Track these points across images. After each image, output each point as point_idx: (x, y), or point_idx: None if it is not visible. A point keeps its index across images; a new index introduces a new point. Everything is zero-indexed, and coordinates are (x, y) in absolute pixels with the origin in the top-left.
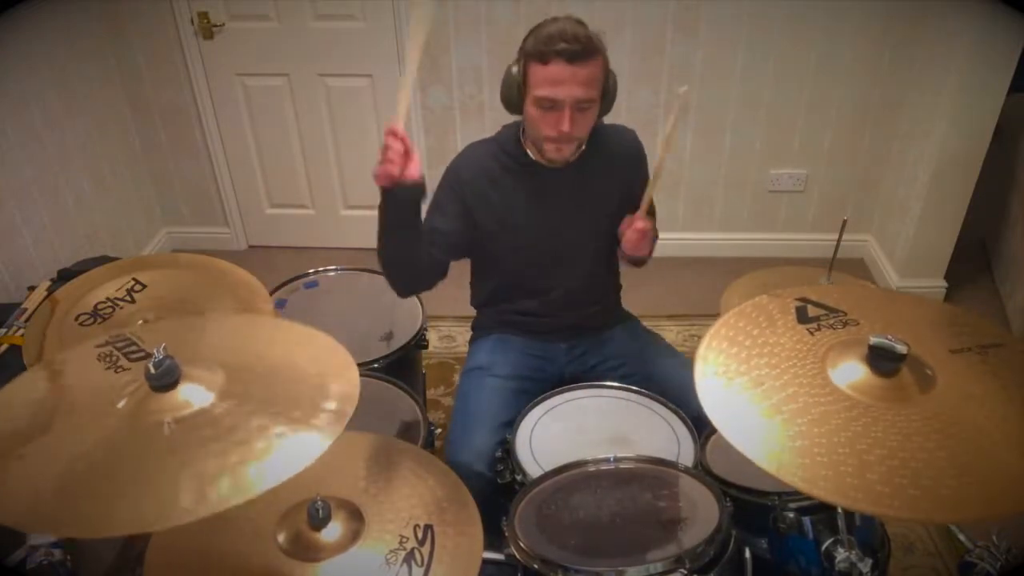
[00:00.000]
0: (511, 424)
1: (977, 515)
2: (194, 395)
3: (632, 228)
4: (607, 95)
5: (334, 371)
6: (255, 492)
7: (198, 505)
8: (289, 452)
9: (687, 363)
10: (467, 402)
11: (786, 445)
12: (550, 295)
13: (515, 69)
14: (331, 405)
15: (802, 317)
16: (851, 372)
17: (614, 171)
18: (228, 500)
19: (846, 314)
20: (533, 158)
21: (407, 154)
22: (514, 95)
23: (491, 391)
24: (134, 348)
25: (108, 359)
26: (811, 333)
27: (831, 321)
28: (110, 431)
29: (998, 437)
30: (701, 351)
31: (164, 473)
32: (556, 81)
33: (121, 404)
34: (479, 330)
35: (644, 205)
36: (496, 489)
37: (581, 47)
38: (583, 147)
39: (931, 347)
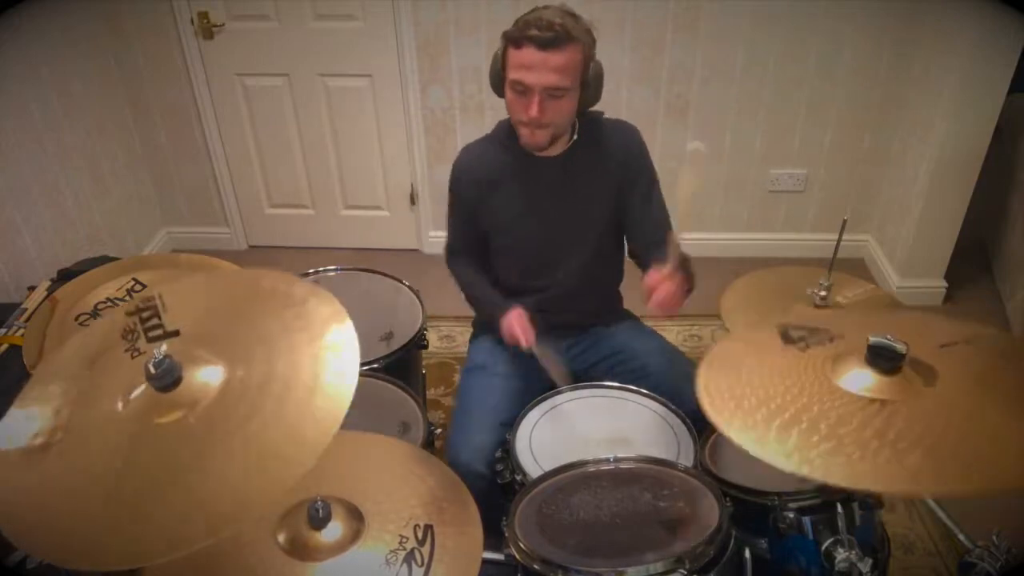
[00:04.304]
0: (511, 424)
1: None
2: (209, 376)
3: (661, 288)
4: (588, 85)
5: (318, 303)
6: (341, 411)
7: (299, 460)
8: (328, 389)
9: (685, 360)
10: (467, 402)
11: (815, 449)
12: (548, 291)
13: (498, 52)
14: (334, 339)
15: (787, 339)
16: (856, 378)
17: (607, 165)
18: (322, 437)
19: (828, 331)
20: (525, 148)
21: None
22: (496, 78)
23: (491, 390)
24: (155, 323)
25: (131, 336)
26: (802, 351)
27: (817, 338)
28: (140, 446)
29: (1007, 420)
30: (703, 391)
31: (234, 460)
32: (527, 66)
33: (122, 406)
34: (479, 328)
35: (672, 260)
36: (496, 489)
37: (554, 35)
38: (575, 137)
39: (922, 345)
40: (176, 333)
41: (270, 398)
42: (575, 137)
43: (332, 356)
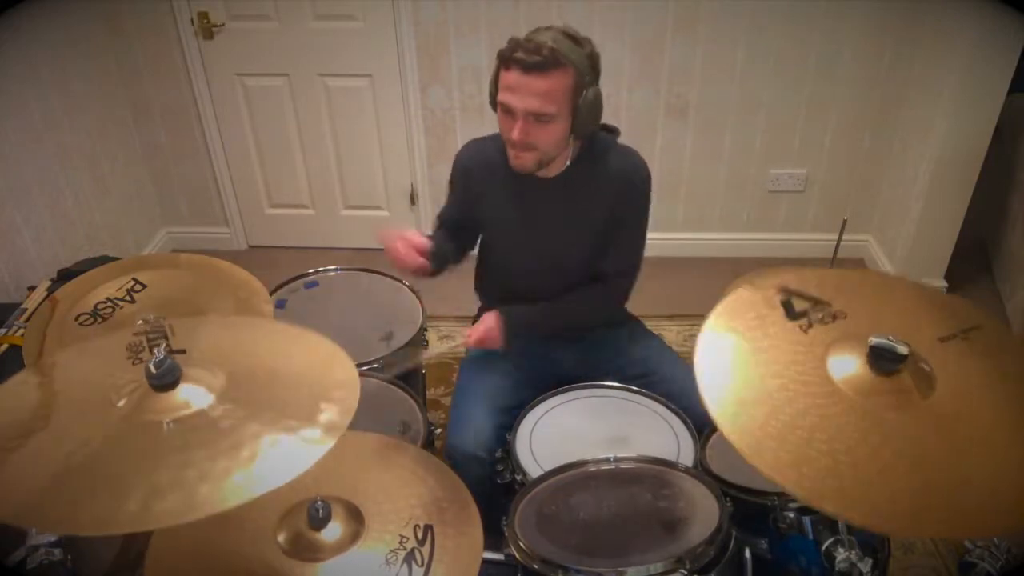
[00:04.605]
0: (509, 409)
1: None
2: (194, 396)
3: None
4: (580, 112)
5: (336, 381)
6: (233, 503)
7: (177, 510)
8: (276, 462)
9: (688, 366)
10: (465, 387)
11: (814, 467)
12: (541, 299)
13: (494, 70)
14: (327, 416)
15: (790, 313)
16: (853, 373)
17: (603, 191)
18: (205, 507)
19: (831, 305)
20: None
21: (410, 246)
22: (491, 96)
23: (489, 377)
24: (163, 342)
25: (134, 349)
26: (804, 331)
27: (819, 315)
28: (106, 429)
29: (1004, 436)
30: (699, 354)
31: (149, 475)
32: (511, 88)
33: (121, 403)
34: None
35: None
36: (495, 486)
37: (540, 59)
38: (568, 160)
39: (921, 337)
40: (182, 351)
41: (221, 443)
42: (568, 163)
43: (280, 458)
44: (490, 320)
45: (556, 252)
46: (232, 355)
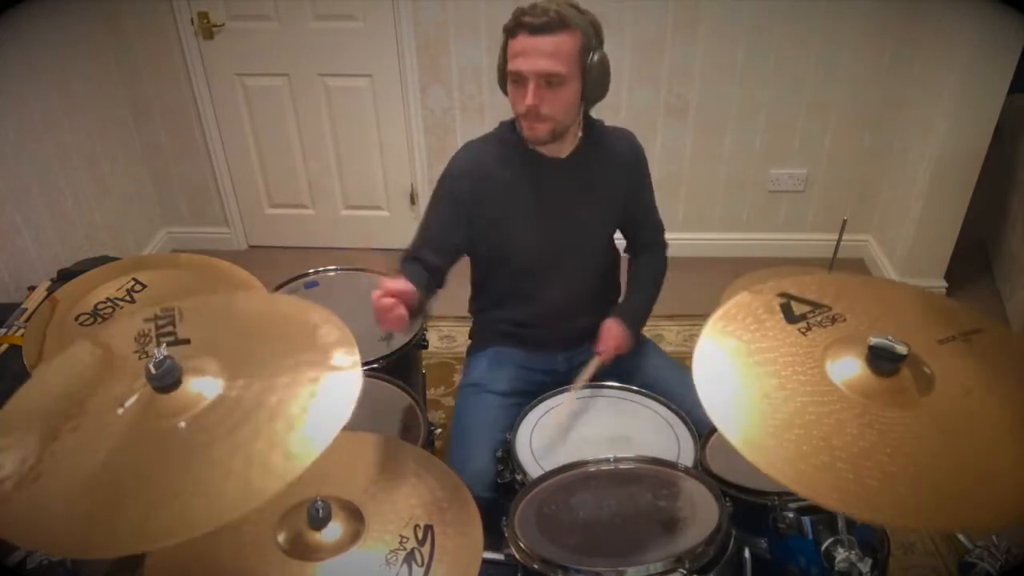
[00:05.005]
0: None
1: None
2: (204, 387)
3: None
4: (589, 74)
5: (316, 320)
6: (315, 453)
7: (261, 488)
8: (325, 403)
9: (686, 373)
10: (464, 422)
11: (811, 462)
12: (547, 302)
13: (501, 47)
14: (335, 346)
15: (789, 316)
16: (852, 373)
17: (615, 169)
18: (288, 474)
19: (831, 308)
20: (531, 147)
21: (397, 302)
22: (500, 75)
23: (488, 410)
24: (169, 330)
25: (142, 339)
26: (803, 333)
27: (819, 318)
28: (129, 441)
29: (1004, 431)
30: (697, 359)
31: (201, 471)
32: (520, 53)
33: (122, 409)
34: (475, 342)
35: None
36: (495, 486)
37: (546, 19)
38: (579, 137)
39: (920, 339)
40: (187, 342)
41: (261, 416)
42: (578, 136)
43: (323, 396)
44: (614, 328)
45: (577, 231)
46: (226, 335)
